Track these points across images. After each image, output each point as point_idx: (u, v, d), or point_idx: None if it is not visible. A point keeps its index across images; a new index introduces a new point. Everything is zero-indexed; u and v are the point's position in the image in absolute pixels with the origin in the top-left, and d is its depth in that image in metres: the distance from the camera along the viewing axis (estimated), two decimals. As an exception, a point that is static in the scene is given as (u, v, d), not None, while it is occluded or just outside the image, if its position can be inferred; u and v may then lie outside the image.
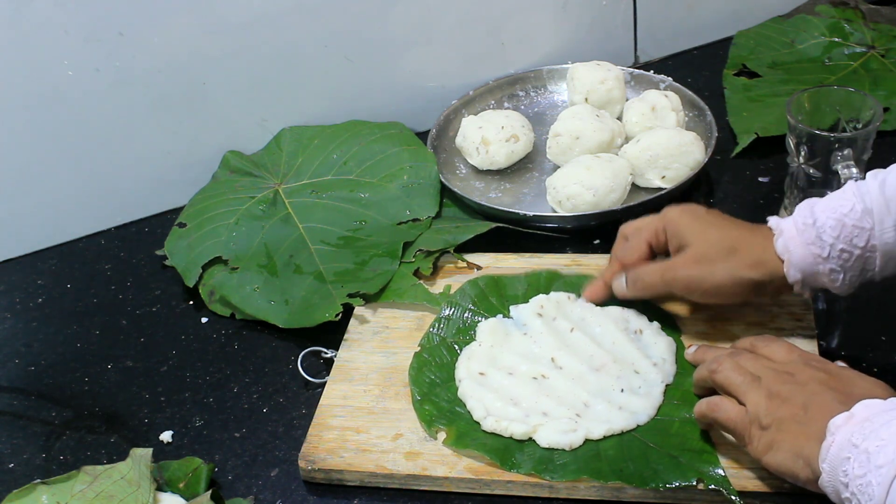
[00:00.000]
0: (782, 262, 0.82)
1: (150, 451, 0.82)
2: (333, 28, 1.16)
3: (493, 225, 1.05)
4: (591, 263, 1.00)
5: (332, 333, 0.96)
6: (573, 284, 0.96)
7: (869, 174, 0.82)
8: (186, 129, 1.15)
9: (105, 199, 1.16)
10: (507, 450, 0.82)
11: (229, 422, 0.91)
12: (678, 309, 0.92)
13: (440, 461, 0.82)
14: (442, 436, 0.84)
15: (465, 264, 1.02)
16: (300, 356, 0.94)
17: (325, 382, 0.91)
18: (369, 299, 0.98)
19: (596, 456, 0.80)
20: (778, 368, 0.76)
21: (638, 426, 0.82)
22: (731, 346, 0.84)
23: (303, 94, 1.19)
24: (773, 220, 0.85)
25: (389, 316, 0.98)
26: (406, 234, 1.05)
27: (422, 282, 1.00)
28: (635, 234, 0.91)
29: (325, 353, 0.94)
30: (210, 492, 0.80)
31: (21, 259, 1.15)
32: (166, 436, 0.90)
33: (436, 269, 1.02)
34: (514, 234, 1.05)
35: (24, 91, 1.06)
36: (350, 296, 0.97)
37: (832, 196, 0.82)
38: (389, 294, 0.99)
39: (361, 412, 0.88)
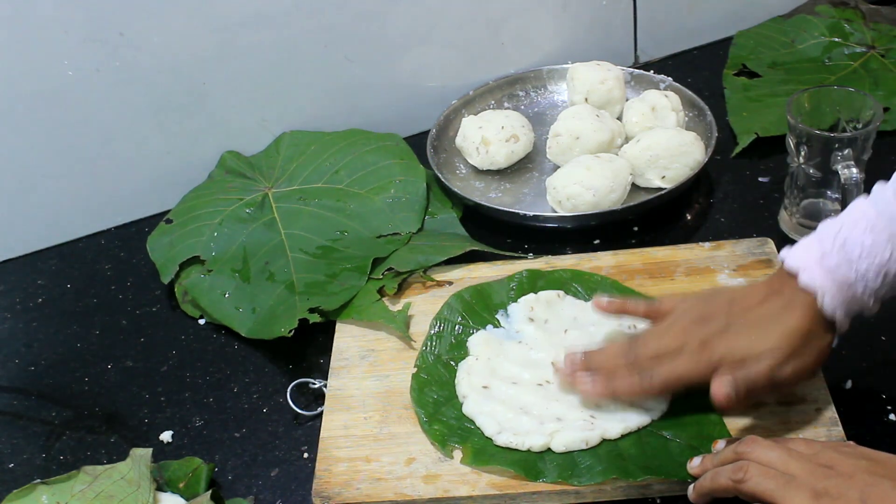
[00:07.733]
0: (833, 320, 0.76)
1: (150, 451, 0.82)
2: (333, 28, 1.16)
3: (469, 248, 1.02)
4: (564, 265, 0.99)
5: (319, 361, 0.94)
6: (557, 281, 0.96)
7: (890, 193, 0.76)
8: (186, 130, 1.15)
9: (105, 199, 1.16)
10: (529, 460, 0.80)
11: (229, 422, 0.91)
12: None
13: (461, 481, 0.80)
14: (458, 454, 0.82)
15: (433, 283, 0.99)
16: (288, 390, 0.91)
17: (321, 413, 0.88)
18: (328, 315, 0.96)
19: (619, 456, 0.79)
20: (812, 461, 0.67)
21: (652, 421, 0.82)
22: (726, 442, 0.75)
23: (303, 94, 1.19)
24: (804, 277, 0.75)
25: (373, 339, 0.94)
26: (383, 249, 1.03)
27: (384, 299, 0.98)
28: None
29: (314, 384, 0.92)
30: (210, 492, 0.80)
31: (21, 259, 1.15)
32: (166, 436, 0.90)
33: (402, 288, 0.99)
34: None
35: (24, 91, 1.06)
36: (310, 311, 0.95)
37: (860, 235, 0.74)
38: (351, 311, 0.96)
39: (367, 440, 0.84)
